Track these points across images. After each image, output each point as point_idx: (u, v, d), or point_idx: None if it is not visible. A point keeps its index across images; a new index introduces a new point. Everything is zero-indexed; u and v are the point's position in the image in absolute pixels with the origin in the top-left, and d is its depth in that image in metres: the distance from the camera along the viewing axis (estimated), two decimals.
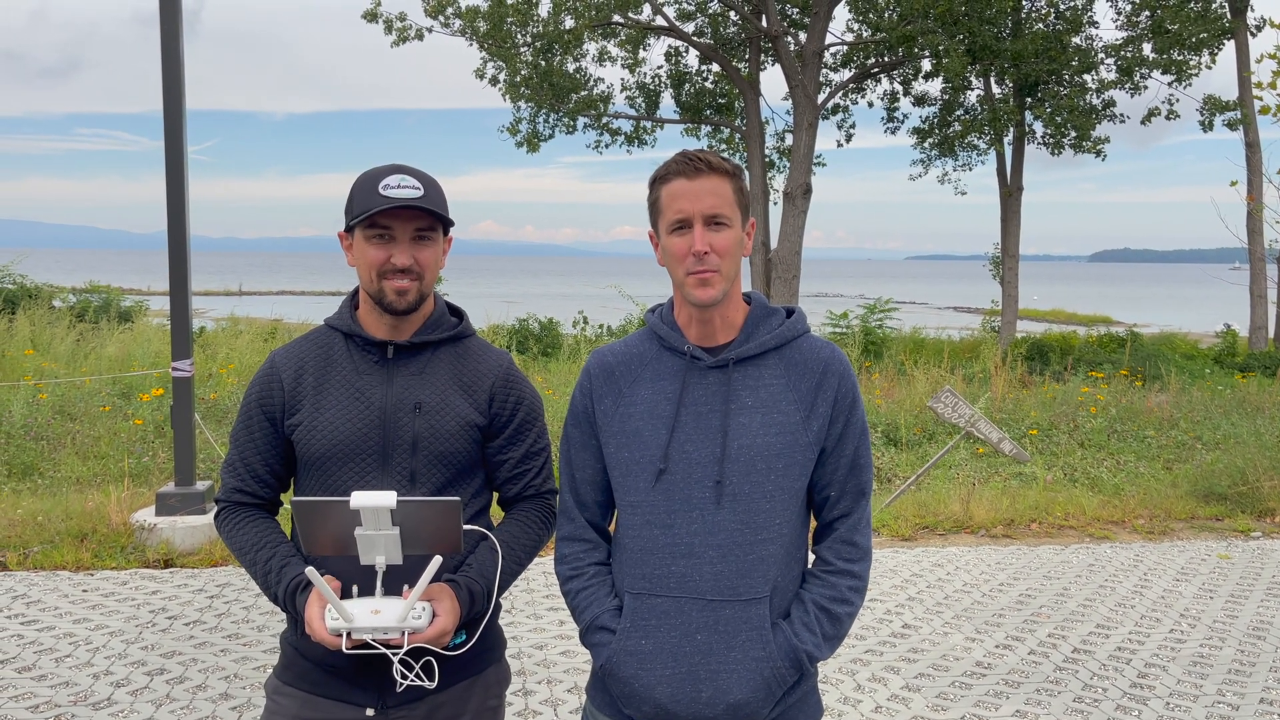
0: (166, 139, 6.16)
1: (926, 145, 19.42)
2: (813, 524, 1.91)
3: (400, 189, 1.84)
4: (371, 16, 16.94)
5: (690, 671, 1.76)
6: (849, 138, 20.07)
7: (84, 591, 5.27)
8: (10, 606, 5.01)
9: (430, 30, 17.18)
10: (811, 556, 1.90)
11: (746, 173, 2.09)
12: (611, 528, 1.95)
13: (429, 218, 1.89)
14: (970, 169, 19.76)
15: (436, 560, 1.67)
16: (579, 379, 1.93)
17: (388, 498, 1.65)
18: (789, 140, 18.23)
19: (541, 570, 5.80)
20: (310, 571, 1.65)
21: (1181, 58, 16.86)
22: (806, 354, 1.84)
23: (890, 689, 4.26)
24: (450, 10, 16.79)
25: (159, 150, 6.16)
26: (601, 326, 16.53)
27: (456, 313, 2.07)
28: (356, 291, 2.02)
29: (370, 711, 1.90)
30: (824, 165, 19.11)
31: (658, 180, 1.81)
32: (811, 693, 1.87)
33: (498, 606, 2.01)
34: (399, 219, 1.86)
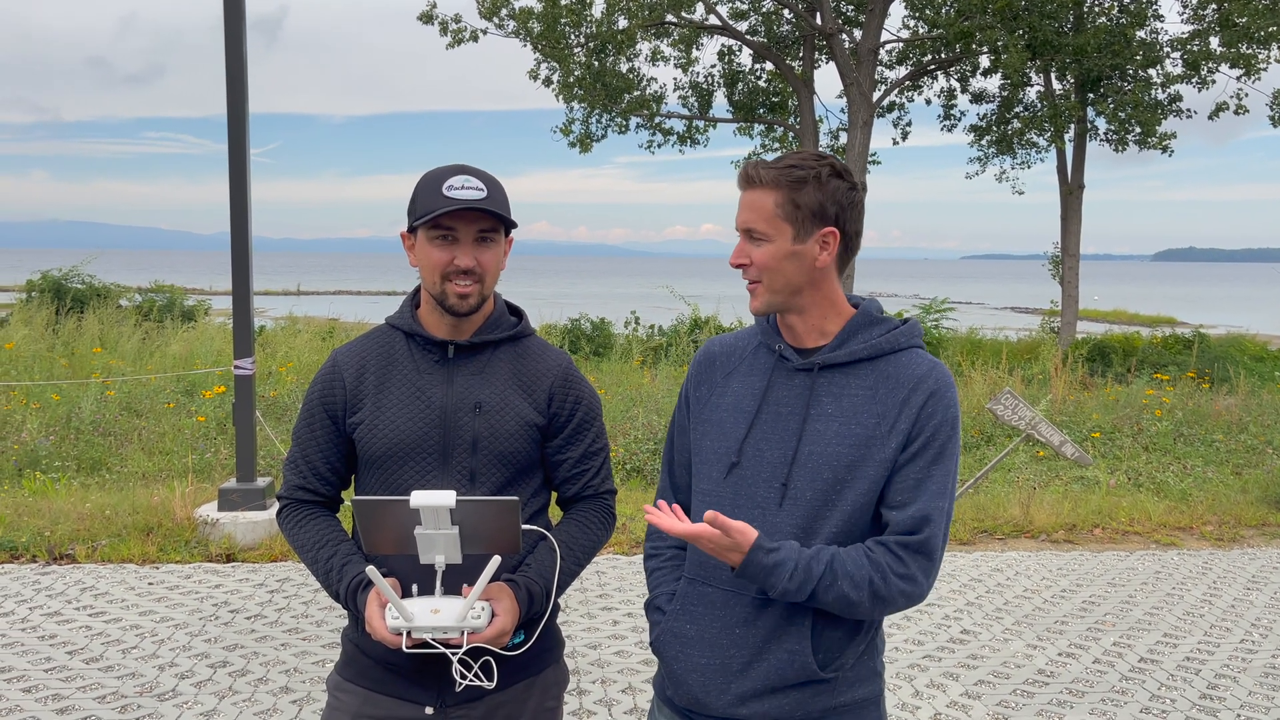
0: (230, 143, 6.28)
1: (984, 143, 19.09)
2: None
3: (464, 190, 1.84)
4: (427, 18, 17.12)
5: (723, 664, 1.77)
6: (905, 136, 19.82)
7: (149, 584, 5.39)
8: (79, 598, 5.14)
9: (485, 32, 17.32)
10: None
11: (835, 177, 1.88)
12: None
13: (492, 219, 1.88)
14: (1029, 167, 19.37)
15: (496, 560, 1.67)
16: (690, 365, 1.97)
17: (447, 497, 1.66)
18: (843, 139, 18.06)
19: (595, 570, 5.81)
20: (371, 570, 1.65)
21: (1250, 51, 16.36)
22: (903, 368, 1.76)
23: (950, 695, 4.19)
24: (504, 11, 16.90)
25: (223, 153, 6.29)
26: (653, 327, 16.51)
27: (516, 312, 2.07)
28: (417, 291, 2.03)
29: (429, 710, 1.90)
30: (879, 164, 18.89)
31: None
32: (872, 705, 1.82)
33: (555, 607, 2.01)
34: (462, 220, 1.86)
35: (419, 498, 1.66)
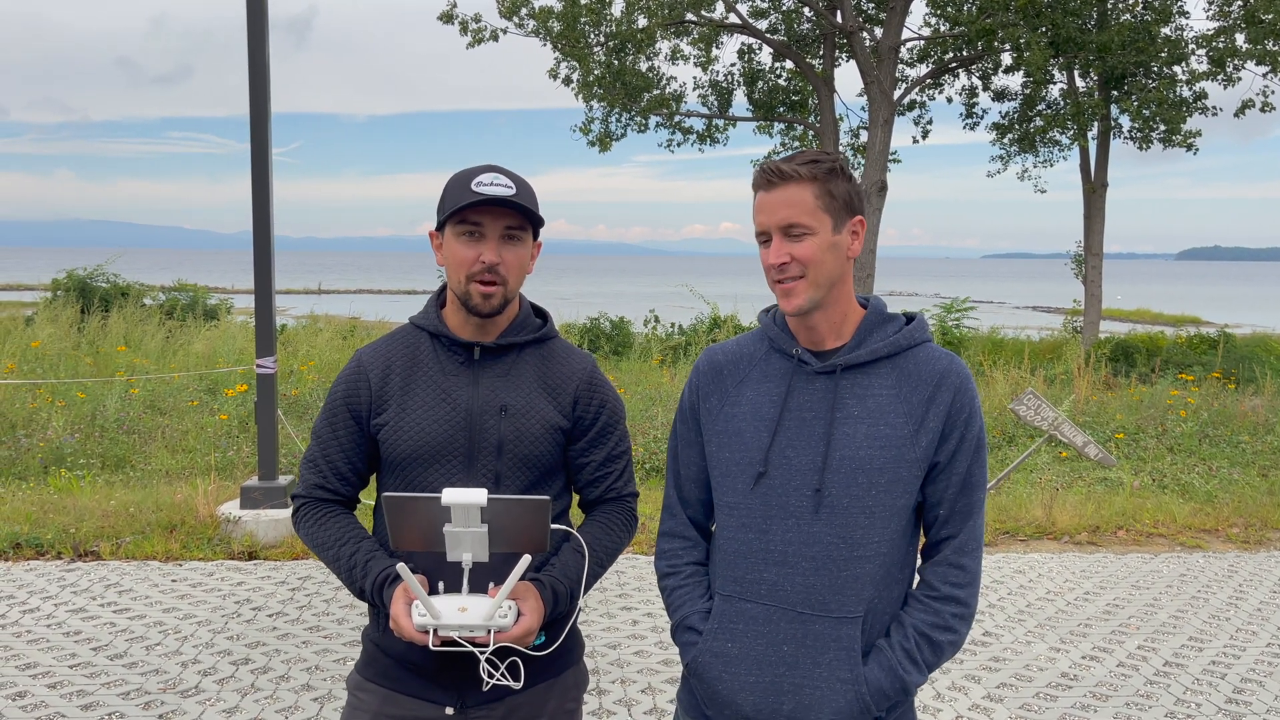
0: (253, 142, 6.32)
1: (1006, 141, 18.95)
2: (922, 539, 1.85)
3: (492, 186, 1.84)
4: (448, 18, 17.15)
5: (774, 682, 1.74)
6: (926, 134, 19.70)
7: (173, 581, 5.43)
8: (104, 595, 5.19)
9: (505, 31, 17.34)
10: (917, 578, 1.82)
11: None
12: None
13: (519, 216, 1.88)
14: (1051, 165, 19.21)
15: (525, 559, 1.67)
16: (689, 376, 1.91)
17: (478, 495, 1.65)
18: (864, 137, 17.97)
19: (614, 570, 5.81)
20: (401, 567, 1.65)
21: (1276, 48, 16.15)
22: (922, 364, 1.75)
23: (971, 698, 4.16)
24: (524, 11, 16.92)
25: (246, 153, 6.34)
26: (673, 325, 16.49)
27: (541, 314, 2.06)
28: (442, 290, 2.02)
29: (450, 710, 1.90)
30: (899, 162, 18.77)
31: (753, 189, 1.79)
32: (908, 712, 1.81)
33: (577, 609, 2.00)
34: (490, 215, 1.86)
35: (450, 495, 1.65)
